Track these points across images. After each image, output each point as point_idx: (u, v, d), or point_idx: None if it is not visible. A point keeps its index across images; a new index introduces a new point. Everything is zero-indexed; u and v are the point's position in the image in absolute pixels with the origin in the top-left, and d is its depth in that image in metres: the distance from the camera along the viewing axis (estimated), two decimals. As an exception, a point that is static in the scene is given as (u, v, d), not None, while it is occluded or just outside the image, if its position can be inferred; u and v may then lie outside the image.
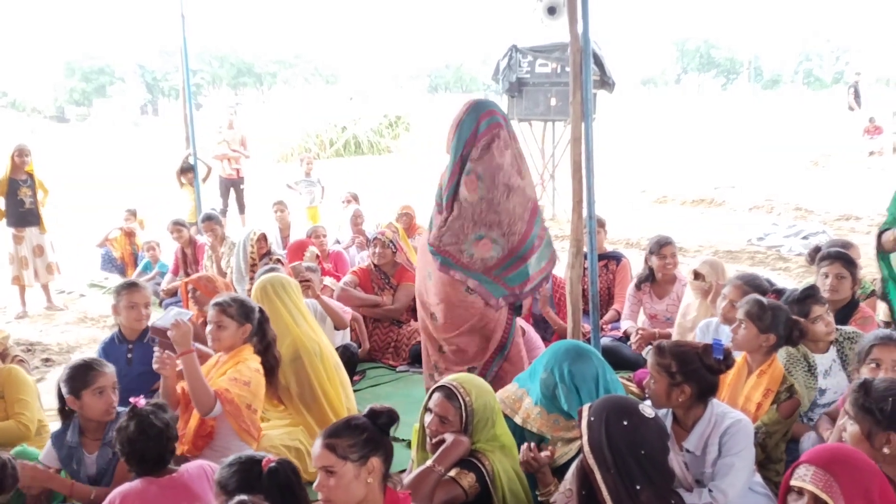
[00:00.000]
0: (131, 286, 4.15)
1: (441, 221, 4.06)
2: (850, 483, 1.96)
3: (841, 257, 4.22)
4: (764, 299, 3.42)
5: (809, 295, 3.59)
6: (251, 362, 3.50)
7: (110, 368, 3.18)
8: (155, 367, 3.33)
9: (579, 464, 2.53)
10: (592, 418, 2.41)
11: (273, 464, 2.40)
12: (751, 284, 3.93)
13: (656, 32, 49.82)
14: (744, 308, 3.41)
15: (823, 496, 1.95)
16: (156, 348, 3.42)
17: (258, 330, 3.62)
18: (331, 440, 2.30)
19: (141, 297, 4.09)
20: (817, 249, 4.77)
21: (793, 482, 2.04)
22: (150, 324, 3.87)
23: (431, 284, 4.10)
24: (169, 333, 3.34)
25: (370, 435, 2.35)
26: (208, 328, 3.58)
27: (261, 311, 3.70)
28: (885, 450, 2.35)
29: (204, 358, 3.66)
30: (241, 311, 3.56)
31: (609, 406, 2.42)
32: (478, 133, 4.06)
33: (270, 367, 3.65)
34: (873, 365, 2.99)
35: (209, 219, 6.88)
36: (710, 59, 53.15)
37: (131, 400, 2.74)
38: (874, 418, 2.35)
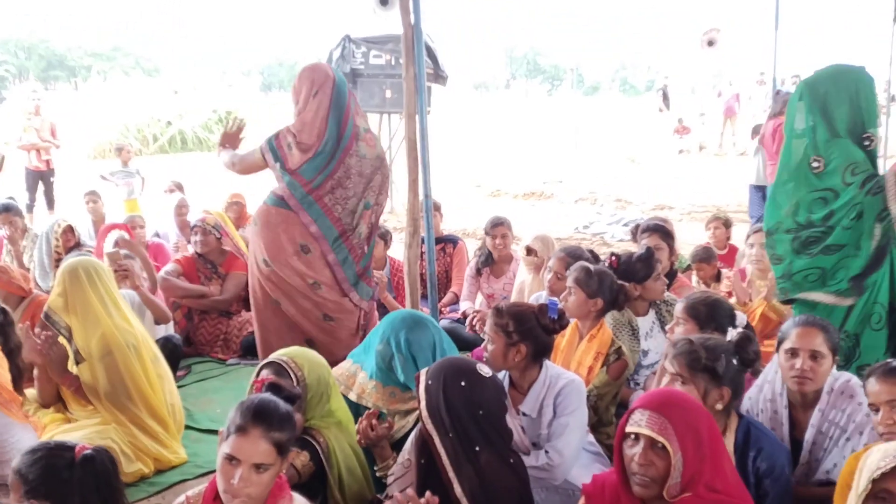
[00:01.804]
0: None
1: (335, 182, 3.96)
2: (682, 423, 1.98)
3: (658, 229, 4.48)
4: (591, 266, 3.52)
5: (652, 255, 3.76)
6: None
7: None
8: None
9: (418, 432, 2.45)
10: (430, 382, 2.33)
11: (89, 451, 2.09)
12: (573, 255, 4.02)
13: (487, 39, 51.56)
14: (572, 275, 3.49)
15: (659, 438, 1.95)
16: None
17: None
18: (276, 435, 2.00)
19: None
20: (638, 226, 5.05)
21: (628, 428, 2.03)
22: None
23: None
24: None
25: (295, 424, 2.13)
26: None
27: (4, 312, 3.30)
28: (719, 405, 2.43)
29: None
30: None
31: (446, 368, 2.35)
32: (352, 93, 4.16)
33: (13, 377, 3.27)
34: (788, 355, 2.66)
35: (6, 209, 6.12)
36: (536, 66, 55.76)
37: None
38: (710, 375, 2.40)
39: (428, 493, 2.07)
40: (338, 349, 3.95)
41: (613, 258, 3.77)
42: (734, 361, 2.47)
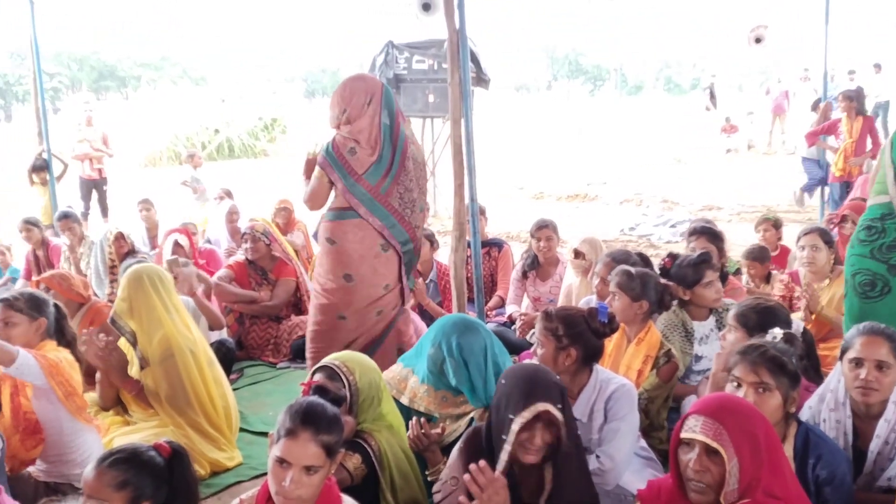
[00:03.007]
0: None
1: (401, 187, 4.04)
2: (737, 429, 1.95)
3: (706, 231, 4.44)
4: (632, 269, 3.49)
5: (704, 260, 3.70)
6: (57, 353, 3.18)
7: None
8: None
9: (464, 445, 2.40)
10: (503, 380, 2.33)
11: (171, 444, 2.20)
12: (619, 260, 3.97)
13: (528, 41, 51.32)
14: (614, 280, 3.48)
15: (713, 444, 1.93)
16: None
17: (56, 328, 3.30)
18: (324, 438, 2.05)
19: None
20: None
21: (682, 434, 2.02)
22: None
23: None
24: None
25: (343, 426, 2.17)
26: None
27: (57, 307, 3.37)
28: (793, 408, 2.39)
29: None
30: (31, 304, 3.22)
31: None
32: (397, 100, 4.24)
33: None
34: (853, 364, 2.59)
35: (66, 217, 6.37)
36: (578, 66, 55.39)
37: None
38: (790, 379, 2.36)
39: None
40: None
41: (668, 259, 3.74)
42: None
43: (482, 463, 2.04)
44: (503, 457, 2.13)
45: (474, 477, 2.04)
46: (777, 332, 2.50)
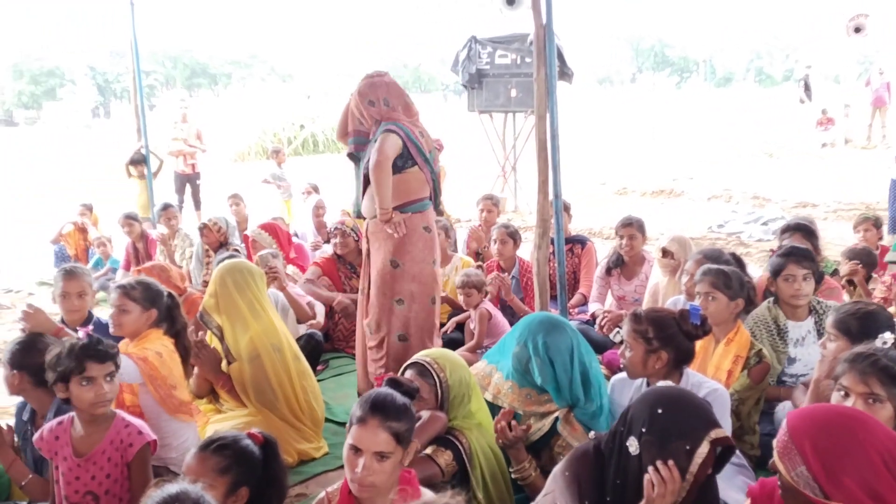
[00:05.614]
0: (67, 273, 3.80)
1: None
2: (816, 445, 1.78)
3: (800, 228, 4.28)
4: (724, 268, 3.38)
5: (791, 253, 3.55)
6: (158, 343, 3.28)
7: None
8: None
9: (571, 478, 2.16)
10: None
11: (263, 434, 2.30)
12: (710, 257, 3.85)
13: (611, 32, 50.35)
14: (708, 280, 3.35)
15: (776, 459, 1.84)
16: None
17: (167, 316, 3.40)
18: (394, 425, 2.11)
19: (73, 286, 3.74)
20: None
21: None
22: None
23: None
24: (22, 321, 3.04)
25: (413, 416, 2.24)
26: (110, 311, 3.35)
27: (170, 296, 3.46)
28: None
29: None
30: (145, 294, 3.32)
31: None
32: None
33: (181, 356, 3.44)
34: None
35: (167, 208, 6.67)
36: (664, 58, 54.08)
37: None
38: None
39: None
40: None
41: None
42: None
43: (671, 463, 2.00)
44: (687, 486, 2.04)
45: (661, 473, 2.00)
46: (888, 338, 2.34)
